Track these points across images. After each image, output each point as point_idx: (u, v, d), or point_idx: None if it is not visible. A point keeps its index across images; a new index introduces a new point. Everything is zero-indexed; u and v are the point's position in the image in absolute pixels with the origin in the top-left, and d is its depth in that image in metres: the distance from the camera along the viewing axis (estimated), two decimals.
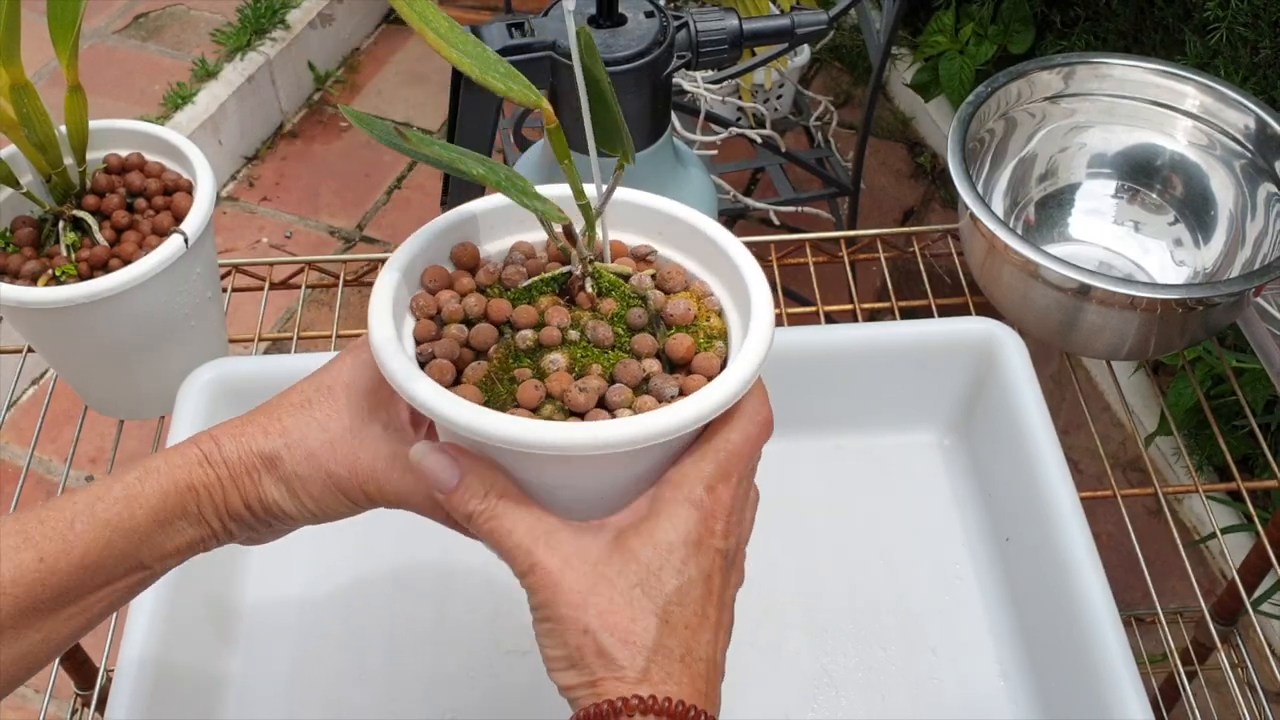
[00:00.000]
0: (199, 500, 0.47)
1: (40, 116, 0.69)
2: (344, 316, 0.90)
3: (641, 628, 0.43)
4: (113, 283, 0.69)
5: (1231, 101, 0.85)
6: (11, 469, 1.74)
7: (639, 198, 0.51)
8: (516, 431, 0.42)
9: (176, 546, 0.48)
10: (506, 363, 0.47)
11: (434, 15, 0.45)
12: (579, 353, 0.47)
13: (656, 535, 0.44)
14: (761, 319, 0.46)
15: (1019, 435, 0.72)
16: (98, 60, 2.30)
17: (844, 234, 0.94)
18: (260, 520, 0.49)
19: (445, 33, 0.45)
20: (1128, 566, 0.77)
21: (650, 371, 0.46)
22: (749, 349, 0.45)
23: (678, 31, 0.68)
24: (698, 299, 0.48)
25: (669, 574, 0.44)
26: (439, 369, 0.46)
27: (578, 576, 0.43)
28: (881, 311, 0.91)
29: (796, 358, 0.76)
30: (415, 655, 0.70)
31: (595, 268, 0.48)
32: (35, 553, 0.45)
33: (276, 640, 0.71)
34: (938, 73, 2.04)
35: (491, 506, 0.45)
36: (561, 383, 0.45)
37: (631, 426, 0.42)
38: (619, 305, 0.48)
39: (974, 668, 0.70)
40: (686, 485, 0.45)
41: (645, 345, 0.46)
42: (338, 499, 0.48)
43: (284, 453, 0.47)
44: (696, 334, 0.47)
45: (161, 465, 0.47)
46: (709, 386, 0.44)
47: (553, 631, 0.44)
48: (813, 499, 0.77)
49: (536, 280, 0.49)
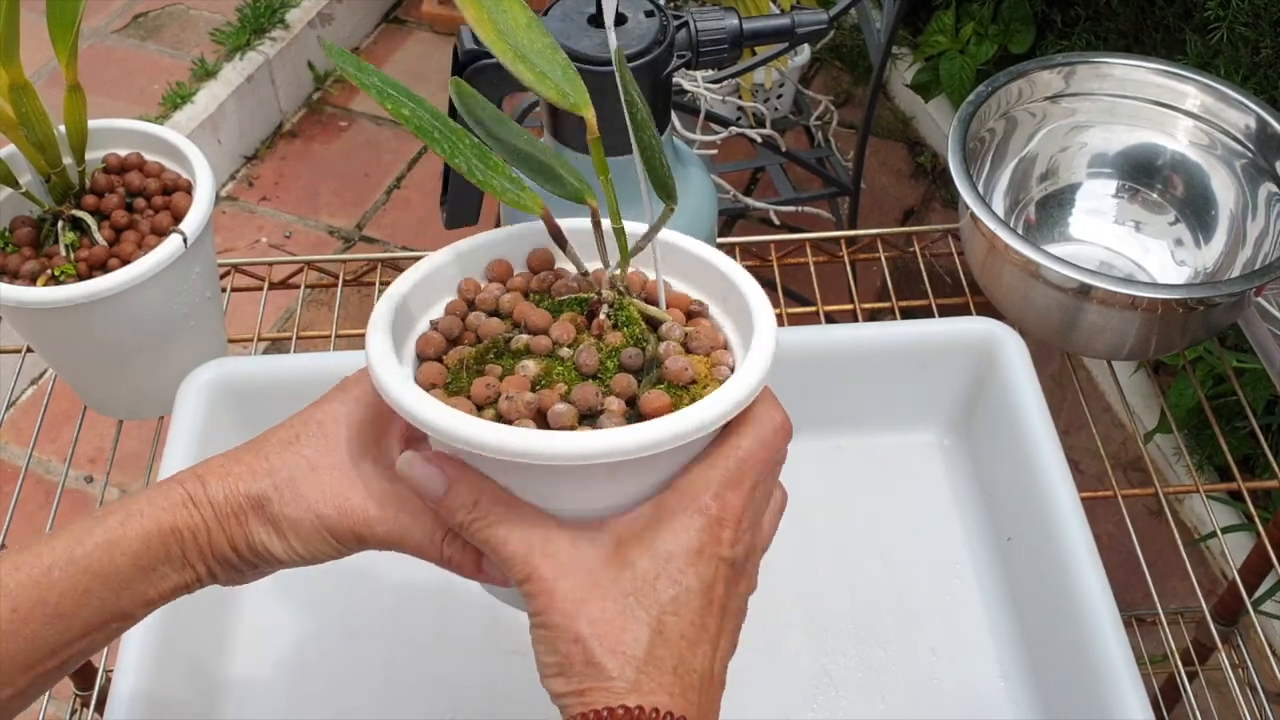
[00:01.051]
0: (183, 543, 0.46)
1: (39, 116, 0.69)
2: (343, 316, 0.90)
3: (633, 638, 0.42)
4: (112, 283, 0.69)
5: (1232, 101, 0.85)
6: (11, 469, 1.74)
7: (679, 240, 0.51)
8: (479, 434, 0.41)
9: (160, 592, 0.46)
10: (485, 355, 0.47)
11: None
12: (557, 368, 0.46)
13: (656, 544, 0.43)
14: (763, 335, 0.46)
15: (1019, 435, 0.72)
16: (97, 60, 2.30)
17: (844, 234, 0.94)
18: (246, 562, 0.47)
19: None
20: (1128, 567, 0.77)
21: (606, 408, 0.44)
22: (751, 363, 0.45)
23: (678, 31, 0.68)
24: (710, 365, 0.46)
25: (665, 583, 0.43)
26: (427, 339, 0.46)
27: (572, 584, 0.42)
28: (881, 311, 0.91)
29: (796, 358, 0.76)
30: (414, 656, 0.70)
31: (623, 300, 0.47)
32: (8, 603, 0.43)
33: (277, 640, 0.71)
34: (938, 72, 2.04)
35: (484, 514, 0.44)
36: (514, 386, 0.44)
37: (608, 439, 0.41)
38: (623, 341, 0.46)
39: (974, 668, 0.69)
40: (692, 492, 0.44)
41: (620, 385, 0.45)
42: (326, 541, 0.47)
43: (272, 494, 0.46)
44: (681, 398, 0.45)
45: (145, 507, 0.46)
46: (706, 399, 0.43)
47: (545, 638, 0.43)
48: (813, 499, 0.77)
49: (571, 297, 0.48)
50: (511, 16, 0.46)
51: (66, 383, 0.80)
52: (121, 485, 1.70)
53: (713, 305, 0.50)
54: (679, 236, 0.51)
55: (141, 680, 0.63)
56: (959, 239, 0.88)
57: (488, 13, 0.45)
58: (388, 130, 2.30)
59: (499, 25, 0.45)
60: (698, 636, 0.43)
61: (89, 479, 1.73)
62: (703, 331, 0.47)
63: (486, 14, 0.45)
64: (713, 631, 0.44)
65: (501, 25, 0.45)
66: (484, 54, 0.66)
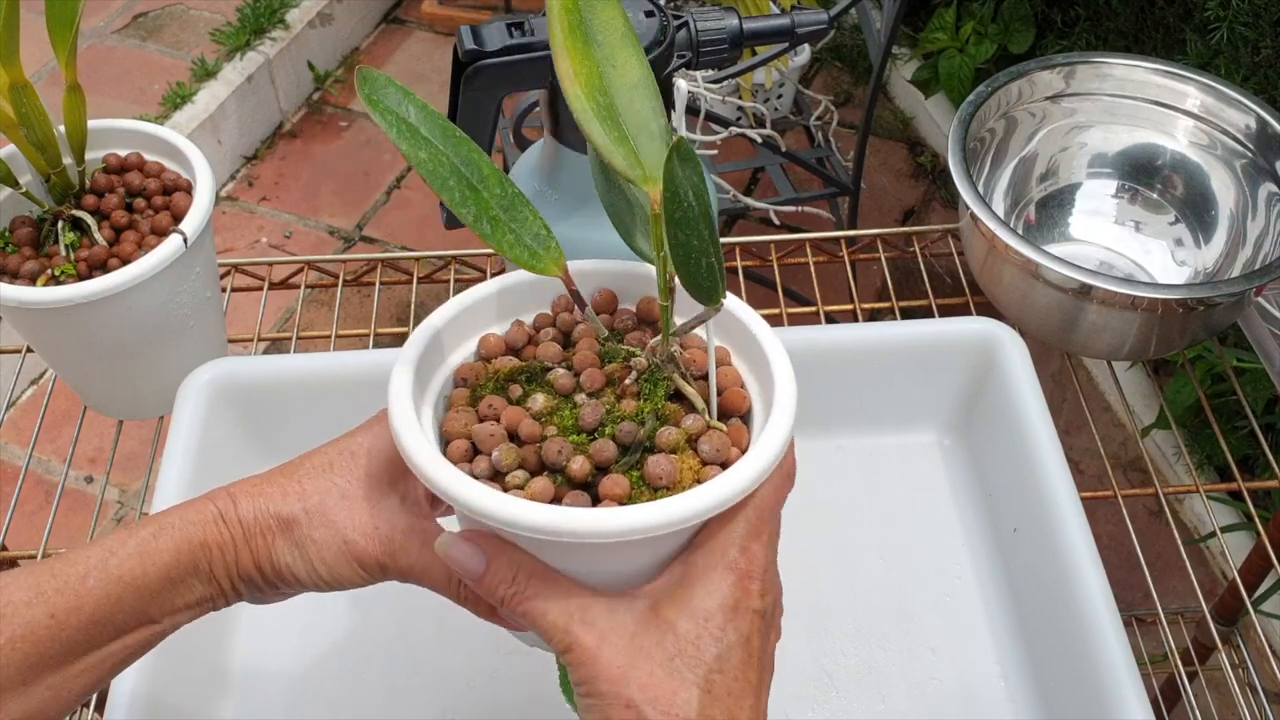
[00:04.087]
0: (210, 558, 0.47)
1: (39, 116, 0.69)
2: (343, 316, 0.90)
3: (684, 699, 0.42)
4: (112, 283, 0.69)
5: (1232, 101, 0.85)
6: (11, 469, 1.74)
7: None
8: (503, 510, 0.42)
9: (186, 603, 0.48)
10: (517, 374, 0.47)
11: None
12: (564, 411, 0.46)
13: (693, 604, 0.44)
14: (782, 408, 0.45)
15: (1019, 435, 0.72)
16: (97, 60, 2.30)
17: (844, 234, 0.94)
18: (268, 582, 0.48)
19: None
20: (1128, 566, 0.77)
21: (568, 470, 0.44)
22: (769, 436, 0.44)
23: (678, 31, 0.68)
24: (696, 472, 0.45)
25: (708, 642, 0.43)
26: (471, 366, 0.48)
27: (615, 651, 0.43)
28: (882, 311, 0.91)
29: (796, 358, 0.75)
30: (415, 656, 0.70)
31: (656, 375, 0.47)
32: (46, 608, 0.45)
33: (277, 641, 0.71)
34: (937, 70, 2.04)
35: (522, 589, 0.45)
36: (508, 417, 0.46)
37: (622, 517, 0.41)
38: (633, 414, 0.46)
39: (974, 668, 0.69)
40: (719, 549, 0.44)
41: (599, 452, 0.45)
42: (351, 567, 0.48)
43: (301, 516, 0.47)
44: (643, 493, 0.44)
45: (176, 521, 0.47)
46: (726, 475, 0.43)
47: (595, 707, 0.43)
48: (813, 499, 0.77)
49: (624, 348, 0.48)
50: (622, 74, 0.45)
51: (66, 383, 0.80)
52: (121, 485, 1.70)
53: (743, 367, 0.49)
54: (734, 305, 0.49)
55: (141, 680, 0.63)
56: (959, 239, 0.88)
57: (594, 63, 0.44)
58: None
59: (596, 80, 0.44)
60: (743, 691, 0.44)
61: (89, 479, 1.73)
62: (714, 440, 0.45)
63: (586, 65, 0.44)
64: (755, 684, 0.44)
65: (606, 80, 0.44)
66: (484, 54, 0.66)
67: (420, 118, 0.45)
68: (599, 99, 0.44)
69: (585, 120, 0.43)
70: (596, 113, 0.44)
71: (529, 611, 0.44)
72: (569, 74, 0.44)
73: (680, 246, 0.42)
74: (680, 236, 0.41)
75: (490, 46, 0.66)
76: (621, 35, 0.45)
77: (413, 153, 0.44)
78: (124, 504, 1.69)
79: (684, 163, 0.40)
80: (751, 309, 0.50)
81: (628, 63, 0.45)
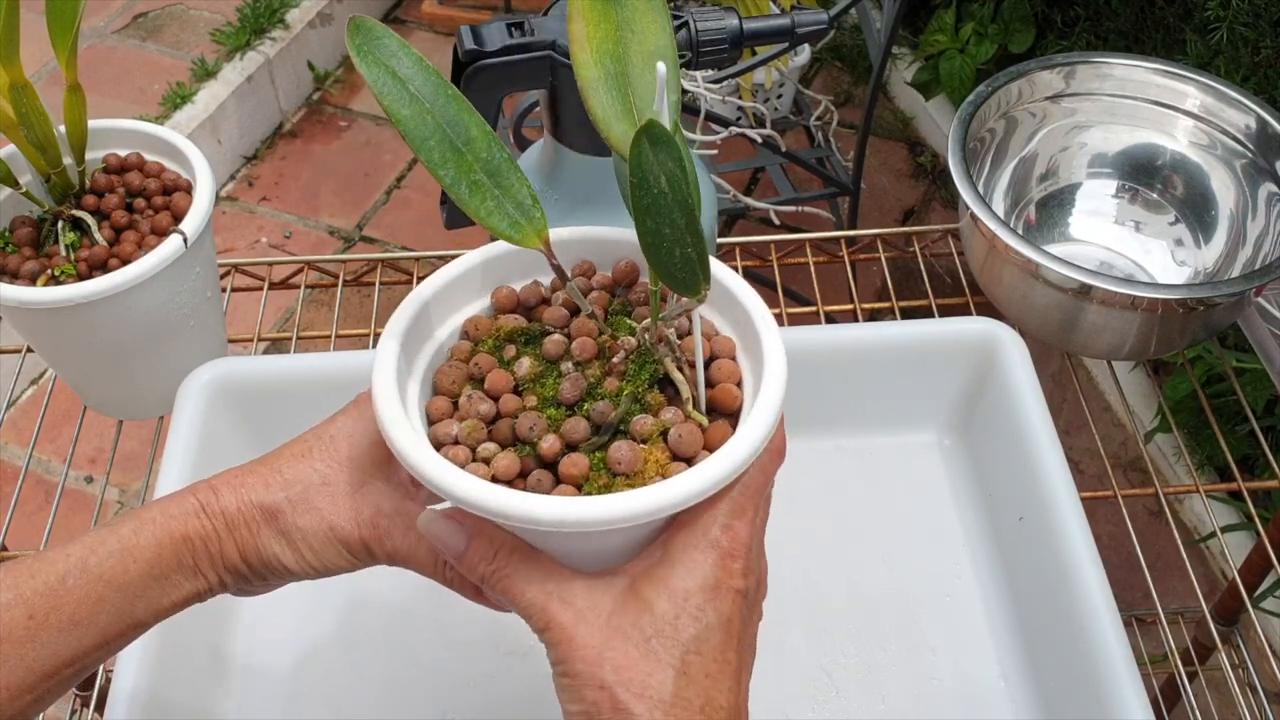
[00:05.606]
0: (194, 552, 0.46)
1: (39, 116, 0.69)
2: (343, 316, 0.90)
3: (658, 681, 0.41)
4: (112, 283, 0.69)
5: (1232, 101, 0.85)
6: (11, 469, 1.74)
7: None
8: (460, 489, 0.41)
9: (173, 601, 0.47)
10: (515, 334, 0.47)
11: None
12: (549, 379, 0.46)
13: (672, 582, 0.43)
14: (772, 384, 0.44)
15: (1019, 435, 0.72)
16: (97, 60, 2.30)
17: (844, 234, 0.94)
18: (255, 573, 0.48)
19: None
20: (1128, 566, 0.77)
21: (539, 447, 0.43)
22: (757, 417, 0.43)
23: (678, 31, 0.68)
24: (662, 466, 0.44)
25: (685, 621, 0.42)
26: (476, 321, 0.48)
27: (591, 630, 0.42)
28: (882, 311, 0.91)
29: (796, 358, 0.75)
30: (414, 656, 0.70)
31: (644, 358, 0.46)
32: (25, 609, 0.44)
33: (276, 640, 0.71)
34: (938, 71, 2.04)
35: (502, 567, 0.44)
36: (492, 380, 0.45)
37: (620, 504, 0.41)
38: (613, 394, 0.45)
39: (974, 668, 0.69)
40: (702, 527, 0.43)
41: (570, 430, 0.44)
42: (339, 552, 0.47)
43: (285, 506, 0.47)
44: (600, 475, 0.43)
45: (157, 516, 0.46)
46: (715, 457, 0.42)
47: (569, 687, 0.43)
48: (813, 499, 0.77)
49: (628, 321, 0.47)
50: (641, 40, 0.42)
51: (66, 383, 0.80)
52: (121, 485, 1.69)
53: (735, 338, 0.49)
54: (725, 274, 0.48)
55: (141, 680, 0.63)
56: (959, 239, 0.88)
57: (612, 25, 0.41)
58: (388, 130, 2.30)
59: (611, 45, 0.42)
60: (721, 672, 0.43)
61: (89, 479, 1.73)
62: (684, 433, 0.44)
63: (603, 27, 0.41)
64: (734, 665, 0.43)
65: (622, 45, 0.42)
66: (484, 54, 0.66)
67: (414, 70, 0.43)
68: (609, 65, 0.42)
69: (589, 90, 0.41)
70: (604, 80, 0.41)
71: (508, 589, 0.44)
72: (580, 38, 0.41)
73: (649, 234, 0.39)
74: (649, 224, 0.39)
75: (490, 46, 0.66)
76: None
77: (394, 109, 0.42)
78: (124, 504, 1.69)
79: (655, 146, 0.37)
80: (751, 288, 0.49)
81: (649, 28, 0.42)
